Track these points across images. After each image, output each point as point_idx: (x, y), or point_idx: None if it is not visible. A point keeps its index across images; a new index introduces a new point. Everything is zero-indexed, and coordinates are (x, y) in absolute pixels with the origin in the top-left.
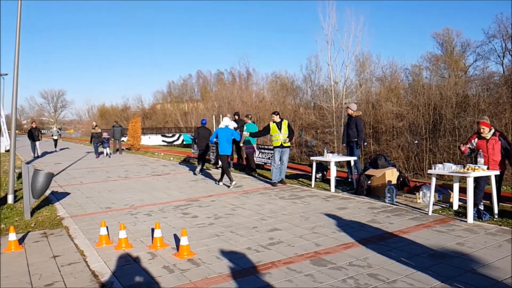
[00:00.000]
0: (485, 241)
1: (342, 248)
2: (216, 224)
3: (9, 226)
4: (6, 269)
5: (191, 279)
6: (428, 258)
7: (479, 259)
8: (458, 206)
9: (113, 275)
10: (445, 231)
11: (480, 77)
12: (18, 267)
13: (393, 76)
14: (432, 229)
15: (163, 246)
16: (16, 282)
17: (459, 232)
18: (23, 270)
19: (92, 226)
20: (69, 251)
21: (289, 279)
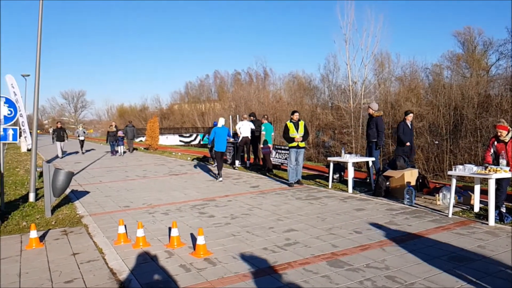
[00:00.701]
0: (507, 244)
1: (359, 250)
2: (232, 224)
3: (31, 223)
4: (28, 266)
5: (207, 278)
6: (448, 261)
7: (501, 262)
8: (479, 209)
9: (131, 273)
10: (466, 234)
11: (503, 77)
12: (39, 263)
13: (413, 76)
14: (452, 232)
15: (180, 245)
16: (37, 278)
17: (480, 235)
18: (44, 267)
19: (111, 224)
20: (88, 248)
21: (305, 280)
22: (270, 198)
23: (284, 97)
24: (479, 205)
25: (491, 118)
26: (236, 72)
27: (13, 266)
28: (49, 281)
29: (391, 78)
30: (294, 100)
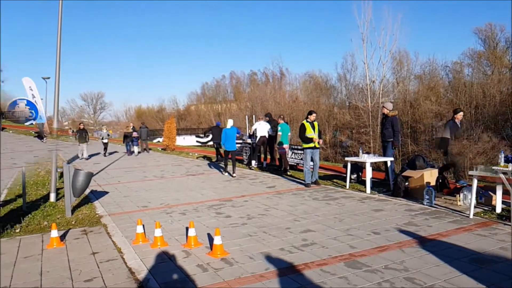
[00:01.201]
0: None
1: (377, 251)
2: (249, 224)
3: (52, 223)
4: (49, 264)
5: (224, 278)
6: (469, 263)
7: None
8: (501, 209)
9: (149, 273)
10: (487, 235)
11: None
12: (59, 262)
13: (432, 74)
14: (473, 233)
15: (197, 245)
16: (58, 277)
17: (502, 236)
18: (64, 266)
19: (129, 224)
20: (107, 248)
21: (322, 280)
22: (287, 198)
23: (300, 97)
24: (501, 205)
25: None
26: (252, 73)
27: (35, 265)
28: (69, 280)
29: (410, 77)
30: (310, 100)
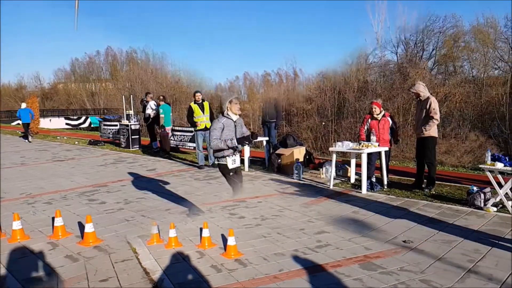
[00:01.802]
0: (375, 209)
1: (393, 253)
2: (126, 209)
3: None
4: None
5: (238, 279)
6: (328, 225)
7: (370, 225)
8: (354, 180)
9: (164, 273)
10: (343, 202)
11: (378, 65)
12: None
13: None
14: (332, 201)
15: (211, 245)
16: (74, 277)
17: (355, 202)
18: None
19: None
20: (123, 248)
21: (337, 282)
22: (168, 180)
23: (183, 78)
24: (354, 176)
25: (367, 101)
26: (265, 73)
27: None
28: (85, 279)
29: None
30: (193, 82)
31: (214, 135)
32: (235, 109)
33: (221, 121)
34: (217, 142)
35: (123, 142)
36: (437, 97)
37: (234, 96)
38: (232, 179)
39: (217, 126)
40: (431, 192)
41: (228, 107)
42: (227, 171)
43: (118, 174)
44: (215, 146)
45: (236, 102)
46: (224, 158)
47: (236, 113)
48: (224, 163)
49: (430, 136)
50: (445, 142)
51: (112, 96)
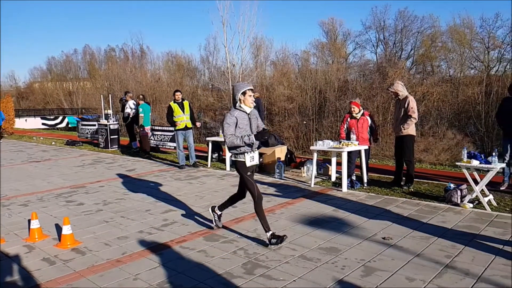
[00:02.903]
0: (356, 207)
1: (233, 223)
2: (105, 210)
3: None
4: None
5: (75, 269)
6: (309, 225)
7: (350, 222)
8: (335, 178)
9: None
10: (324, 200)
11: (358, 64)
12: None
13: (285, 61)
14: (314, 199)
15: (42, 237)
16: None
17: (335, 201)
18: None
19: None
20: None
21: (182, 257)
22: (148, 181)
23: (163, 77)
24: (335, 175)
25: (348, 100)
26: (110, 48)
27: None
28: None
29: (266, 63)
30: (174, 81)
31: (229, 131)
32: (249, 102)
33: (234, 114)
34: (233, 138)
35: (101, 142)
36: (415, 96)
37: (248, 87)
38: (249, 179)
39: (230, 121)
40: (409, 189)
41: (241, 99)
42: (244, 169)
43: (96, 175)
44: (230, 144)
45: (250, 94)
46: (242, 155)
47: (250, 106)
48: (242, 160)
49: (409, 134)
50: (423, 140)
51: (90, 96)
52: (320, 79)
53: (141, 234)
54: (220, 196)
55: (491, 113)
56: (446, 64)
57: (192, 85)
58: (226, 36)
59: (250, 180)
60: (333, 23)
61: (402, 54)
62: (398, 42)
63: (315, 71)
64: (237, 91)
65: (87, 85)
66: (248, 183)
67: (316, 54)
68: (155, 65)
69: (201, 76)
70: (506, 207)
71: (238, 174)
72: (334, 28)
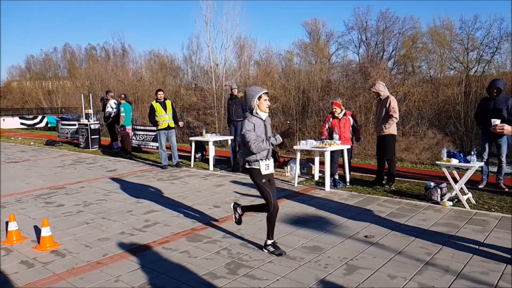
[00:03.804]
0: (338, 205)
1: (217, 223)
2: (85, 211)
3: None
4: None
5: (54, 271)
6: (293, 224)
7: (333, 221)
8: (318, 177)
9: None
10: (307, 200)
11: (340, 65)
12: None
13: (268, 61)
14: (297, 198)
15: (21, 239)
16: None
17: (318, 200)
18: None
19: None
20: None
21: (165, 258)
22: (130, 181)
23: (145, 76)
24: (318, 174)
25: (331, 100)
26: (90, 47)
27: None
28: None
29: (250, 62)
30: (156, 80)
31: (252, 136)
32: (264, 106)
33: (252, 120)
34: (258, 143)
35: (82, 142)
36: (396, 96)
37: (262, 91)
38: (265, 187)
39: (250, 127)
40: (391, 188)
41: (256, 104)
42: (259, 177)
43: (77, 176)
44: (257, 149)
45: (265, 98)
46: (257, 162)
47: (266, 111)
48: (257, 168)
49: (390, 134)
50: (405, 139)
51: (70, 95)
52: (303, 79)
53: (123, 235)
54: (203, 196)
55: (470, 113)
56: (426, 64)
57: (175, 84)
58: (209, 36)
59: (266, 188)
60: (316, 23)
61: (384, 54)
62: (380, 43)
63: (299, 71)
64: (251, 97)
65: (67, 84)
66: (265, 191)
67: (300, 54)
68: (137, 64)
69: (184, 76)
70: (485, 205)
71: (254, 183)
72: (317, 29)
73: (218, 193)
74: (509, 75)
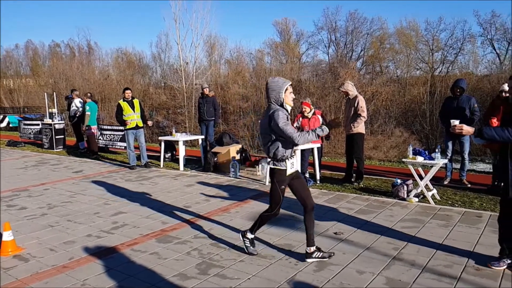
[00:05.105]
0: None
1: (187, 224)
2: (50, 214)
3: None
4: None
5: (17, 277)
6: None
7: (300, 220)
8: None
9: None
10: None
11: (310, 64)
12: None
13: (239, 60)
14: (268, 197)
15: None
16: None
17: (289, 198)
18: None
19: None
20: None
21: (133, 260)
22: (96, 182)
23: (112, 75)
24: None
25: (301, 99)
26: (54, 44)
27: None
28: None
29: (221, 61)
30: (124, 78)
31: (291, 129)
32: (290, 99)
33: (284, 113)
34: (304, 135)
35: (45, 142)
36: (365, 95)
37: (288, 82)
38: (281, 194)
39: (285, 120)
40: (360, 185)
41: (283, 97)
42: (282, 179)
43: (40, 177)
44: (303, 141)
45: (291, 90)
46: (283, 162)
47: (292, 104)
48: (283, 169)
49: (359, 132)
50: (373, 138)
51: (33, 93)
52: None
53: (89, 238)
54: (173, 197)
55: (435, 112)
56: (394, 65)
57: (143, 83)
58: (178, 33)
59: (281, 195)
60: (286, 23)
61: (353, 55)
62: (349, 43)
63: (270, 70)
64: (279, 88)
65: (30, 82)
66: (277, 197)
67: (270, 54)
68: (103, 62)
69: (153, 74)
70: (448, 201)
71: (271, 184)
72: (288, 28)
73: (189, 193)
74: (472, 75)
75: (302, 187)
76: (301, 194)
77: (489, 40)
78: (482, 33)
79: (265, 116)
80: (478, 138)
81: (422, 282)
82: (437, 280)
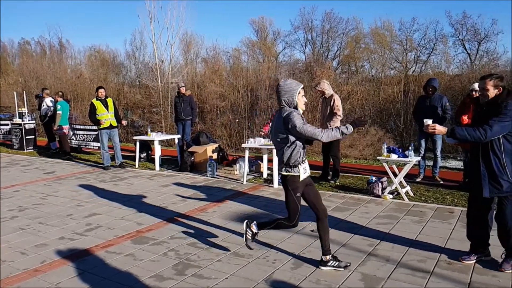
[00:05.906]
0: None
1: (163, 224)
2: (21, 216)
3: None
4: None
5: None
6: (241, 222)
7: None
8: (267, 175)
9: None
10: (256, 197)
11: (287, 63)
12: None
13: (216, 58)
14: (246, 196)
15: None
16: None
17: (266, 197)
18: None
19: None
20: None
21: (108, 262)
22: (69, 183)
23: (85, 73)
24: (267, 171)
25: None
26: (24, 41)
27: None
28: None
29: (197, 60)
30: (97, 77)
31: (311, 127)
32: (302, 103)
33: (299, 113)
34: (329, 132)
35: (15, 143)
36: (341, 94)
37: (300, 85)
38: (298, 202)
39: (301, 120)
40: (336, 183)
41: (297, 100)
42: (296, 188)
43: (10, 179)
44: (329, 137)
45: (303, 93)
46: (296, 168)
47: (304, 108)
48: (296, 175)
49: None
50: (349, 136)
51: (2, 93)
52: (251, 77)
53: (62, 241)
54: (149, 198)
55: (409, 111)
56: (369, 64)
57: (117, 81)
58: (153, 31)
59: (298, 204)
60: (263, 22)
61: (329, 54)
62: (325, 42)
63: (247, 69)
64: (292, 91)
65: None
66: (295, 206)
67: (247, 52)
68: (76, 60)
69: (127, 72)
70: (422, 197)
71: (286, 192)
72: (264, 27)
73: (165, 194)
74: (444, 74)
75: (315, 194)
76: (314, 202)
77: (460, 41)
78: (453, 34)
79: (277, 120)
80: (450, 138)
81: (396, 277)
82: (411, 275)
